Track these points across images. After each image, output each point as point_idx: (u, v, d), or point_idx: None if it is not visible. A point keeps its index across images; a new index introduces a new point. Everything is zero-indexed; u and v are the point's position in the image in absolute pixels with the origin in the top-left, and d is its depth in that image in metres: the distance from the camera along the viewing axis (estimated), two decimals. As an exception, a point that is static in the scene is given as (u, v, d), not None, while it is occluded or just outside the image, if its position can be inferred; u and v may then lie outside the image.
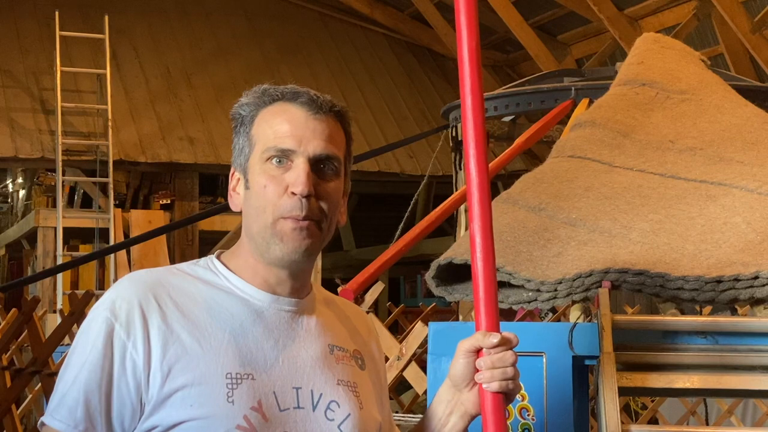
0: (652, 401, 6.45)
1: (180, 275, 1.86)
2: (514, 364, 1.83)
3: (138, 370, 1.72)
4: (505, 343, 1.83)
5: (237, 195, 1.88)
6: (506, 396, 1.84)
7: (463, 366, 1.86)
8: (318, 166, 1.81)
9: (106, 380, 1.72)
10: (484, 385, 1.83)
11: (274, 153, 1.80)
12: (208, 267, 1.88)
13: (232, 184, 1.90)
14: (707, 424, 5.56)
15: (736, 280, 2.60)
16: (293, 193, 1.78)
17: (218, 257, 1.91)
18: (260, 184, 1.81)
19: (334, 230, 1.87)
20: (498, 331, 1.84)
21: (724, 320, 2.58)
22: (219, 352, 1.76)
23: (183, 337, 1.75)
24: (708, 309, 3.58)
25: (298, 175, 1.78)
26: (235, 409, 1.72)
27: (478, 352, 1.85)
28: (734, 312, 2.68)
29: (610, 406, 2.32)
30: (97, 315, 1.77)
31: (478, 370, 1.85)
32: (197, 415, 1.71)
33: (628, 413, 7.01)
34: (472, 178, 1.88)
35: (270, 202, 1.79)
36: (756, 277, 2.58)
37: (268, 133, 1.82)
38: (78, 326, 2.32)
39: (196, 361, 1.74)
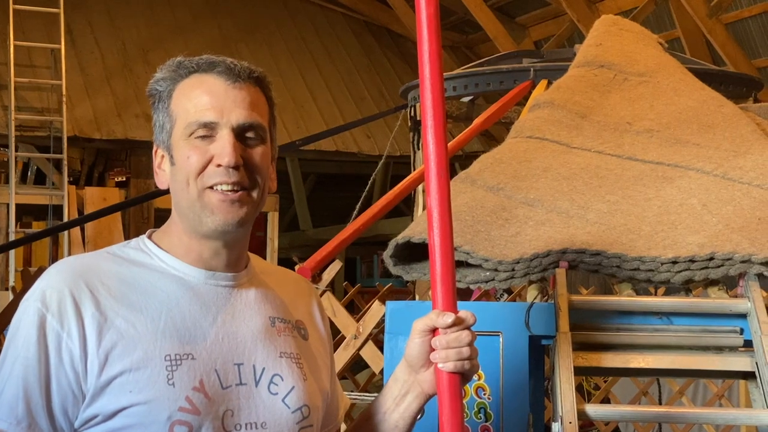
0: (605, 381, 6.51)
1: (110, 259, 1.82)
2: (470, 344, 1.80)
3: (75, 359, 1.68)
4: (461, 323, 1.80)
5: (163, 172, 1.85)
6: (463, 376, 1.81)
7: (418, 346, 1.83)
8: (243, 135, 1.78)
9: (44, 373, 1.68)
10: (439, 365, 1.80)
11: (196, 127, 1.77)
12: (139, 248, 1.85)
13: (156, 161, 1.86)
14: (660, 404, 5.62)
15: (692, 261, 2.63)
16: (219, 165, 1.75)
17: (149, 237, 1.87)
18: (184, 156, 1.78)
19: (266, 198, 1.85)
20: (455, 310, 1.81)
21: (679, 301, 2.59)
22: (156, 334, 1.73)
23: (118, 323, 1.71)
24: (662, 290, 3.62)
25: (223, 146, 1.75)
26: (176, 391, 1.70)
27: (434, 331, 1.82)
28: (689, 293, 2.70)
29: (565, 386, 2.33)
30: (27, 307, 1.72)
31: (433, 350, 1.82)
32: (138, 400, 1.68)
33: (582, 393, 7.08)
34: (429, 150, 1.85)
35: (194, 172, 1.77)
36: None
37: (188, 107, 1.79)
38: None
39: (133, 345, 1.70)
